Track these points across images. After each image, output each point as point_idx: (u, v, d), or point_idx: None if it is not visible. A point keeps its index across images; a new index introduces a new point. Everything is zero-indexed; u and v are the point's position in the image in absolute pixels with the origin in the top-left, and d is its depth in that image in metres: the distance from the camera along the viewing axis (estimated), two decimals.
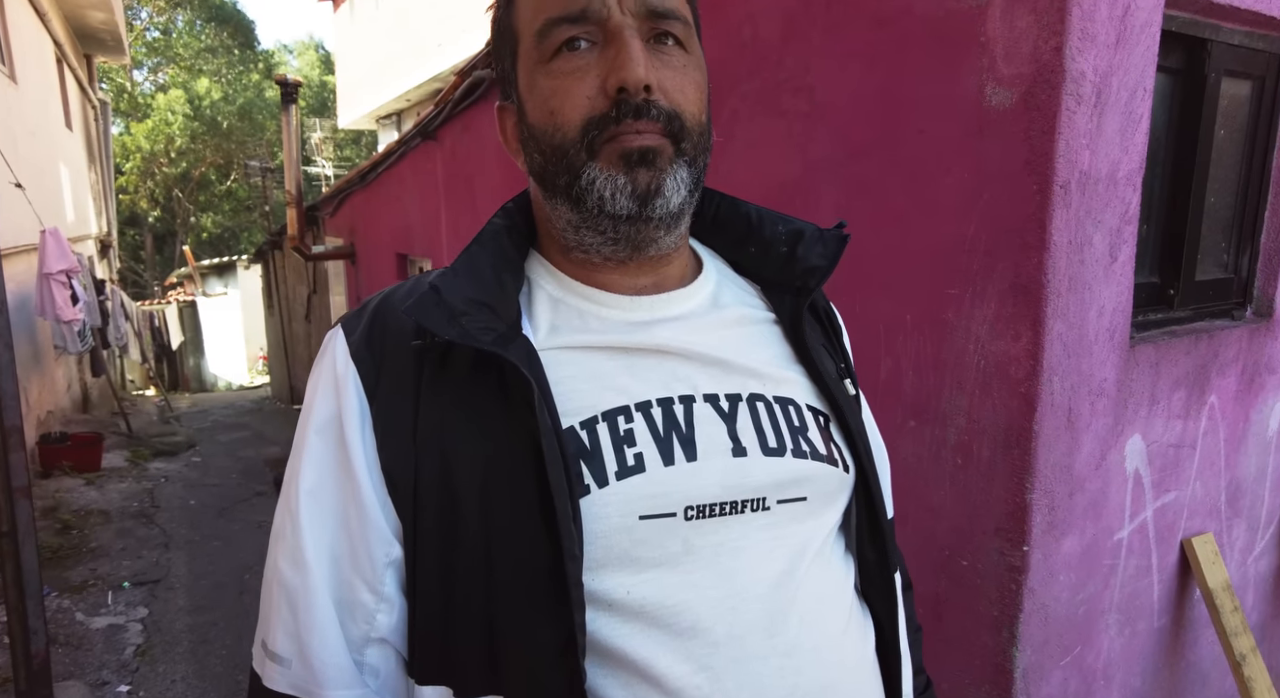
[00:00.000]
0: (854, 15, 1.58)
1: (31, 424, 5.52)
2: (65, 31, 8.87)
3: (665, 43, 0.60)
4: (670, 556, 0.57)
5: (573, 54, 0.58)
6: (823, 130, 1.68)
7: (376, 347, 0.60)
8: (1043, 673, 1.47)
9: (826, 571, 0.64)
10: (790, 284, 0.70)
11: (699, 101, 0.62)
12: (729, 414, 0.61)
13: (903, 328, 1.55)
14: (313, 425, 0.60)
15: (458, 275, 0.60)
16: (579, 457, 0.56)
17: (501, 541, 0.55)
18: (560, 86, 0.59)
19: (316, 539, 0.58)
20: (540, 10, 0.59)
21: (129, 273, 20.14)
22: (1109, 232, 1.38)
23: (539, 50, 0.60)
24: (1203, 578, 1.66)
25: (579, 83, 0.58)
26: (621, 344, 0.62)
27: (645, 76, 0.56)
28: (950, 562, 1.50)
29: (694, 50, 0.63)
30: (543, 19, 0.59)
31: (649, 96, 0.57)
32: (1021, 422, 1.36)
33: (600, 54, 0.58)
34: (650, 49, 0.59)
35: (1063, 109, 1.25)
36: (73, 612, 3.65)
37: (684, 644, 0.55)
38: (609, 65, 0.57)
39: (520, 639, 0.55)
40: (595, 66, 0.58)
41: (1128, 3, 1.29)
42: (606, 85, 0.57)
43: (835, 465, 0.64)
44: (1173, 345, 1.56)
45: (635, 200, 0.58)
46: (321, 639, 0.58)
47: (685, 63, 0.61)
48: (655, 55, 0.59)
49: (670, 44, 0.60)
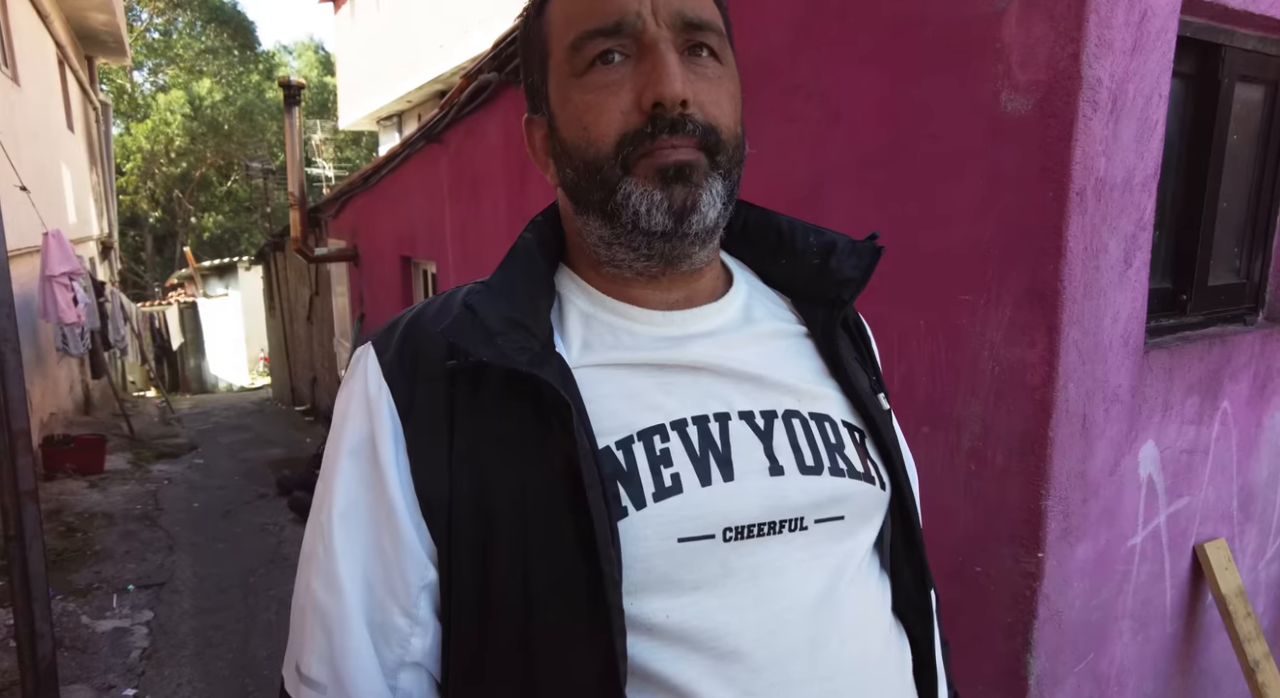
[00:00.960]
0: (867, 21, 1.58)
1: (35, 426, 5.51)
2: (67, 33, 8.87)
3: (700, 54, 0.59)
4: (709, 578, 0.56)
5: (607, 68, 0.58)
6: (835, 137, 1.68)
7: (409, 367, 0.59)
8: (1057, 680, 1.47)
9: (865, 591, 0.63)
10: (823, 296, 0.69)
11: (734, 113, 0.61)
12: (765, 432, 0.60)
13: (917, 334, 1.55)
14: (345, 447, 0.59)
15: (493, 294, 0.59)
16: (616, 478, 0.56)
17: (539, 565, 0.54)
18: (594, 101, 0.58)
19: (350, 562, 0.58)
20: (573, 23, 0.59)
21: (130, 274, 20.14)
22: (1124, 238, 1.38)
23: (571, 64, 0.59)
24: (1215, 584, 1.66)
25: (613, 97, 0.57)
26: (655, 361, 0.61)
27: (682, 91, 0.56)
28: (964, 568, 1.50)
29: (728, 61, 0.62)
30: (576, 32, 0.58)
31: (685, 111, 0.56)
32: (1037, 428, 1.36)
33: (635, 67, 0.57)
34: (685, 61, 0.58)
35: (1079, 115, 1.25)
36: (78, 615, 3.65)
37: (726, 669, 0.55)
38: (644, 79, 0.56)
39: (560, 666, 0.54)
40: (630, 80, 0.57)
41: (1144, 9, 1.29)
42: (642, 100, 0.56)
43: (872, 483, 0.64)
44: (1186, 351, 1.56)
45: (671, 217, 0.58)
46: (357, 665, 0.57)
47: (720, 74, 0.60)
48: (691, 68, 0.58)
49: (705, 56, 0.59)
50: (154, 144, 20.52)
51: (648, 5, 0.57)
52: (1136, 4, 1.28)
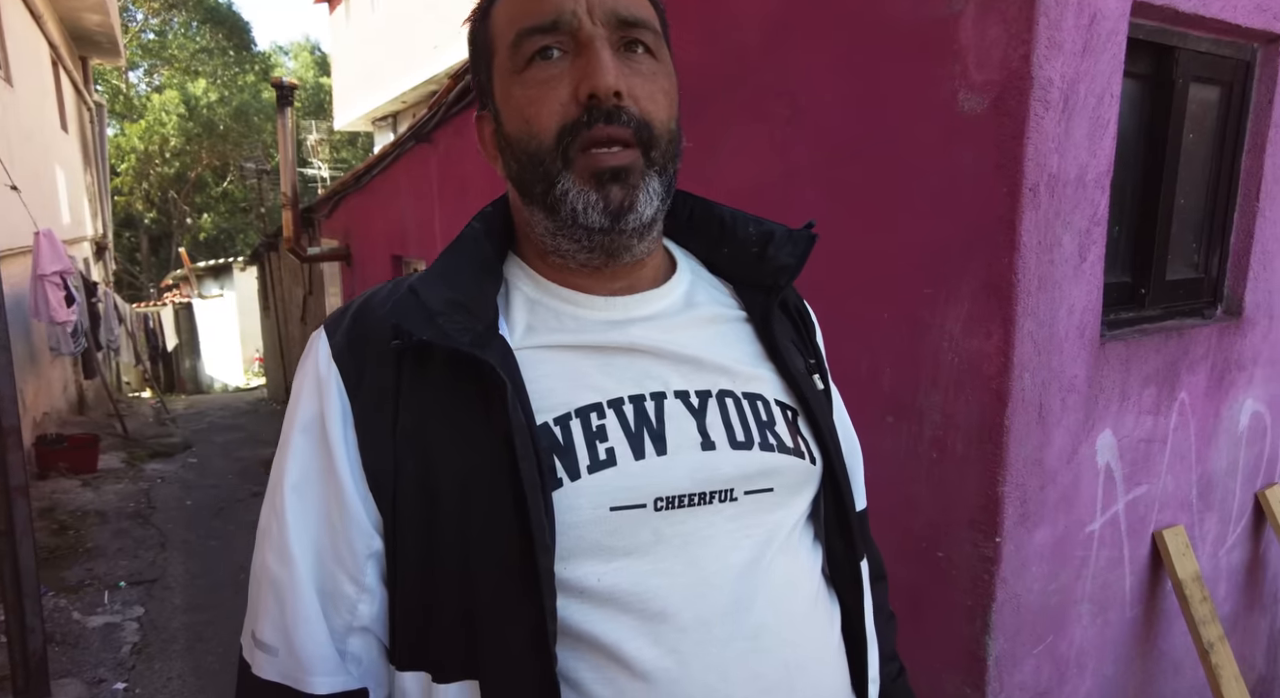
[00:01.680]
0: (834, 23, 1.63)
1: (28, 426, 5.54)
2: (61, 34, 8.89)
3: (635, 51, 0.62)
4: (641, 544, 0.59)
5: (546, 63, 0.60)
6: (804, 135, 1.73)
7: (358, 348, 0.62)
8: (1015, 661, 1.51)
9: (793, 558, 0.66)
10: (762, 283, 0.72)
11: (668, 108, 0.64)
12: (699, 410, 0.64)
13: (881, 326, 1.59)
14: (297, 425, 0.62)
15: (435, 278, 0.63)
16: (552, 451, 0.59)
17: (478, 533, 0.58)
18: (534, 95, 0.61)
19: (301, 534, 0.61)
20: (514, 22, 0.62)
21: (125, 275, 20.12)
22: (1078, 232, 1.43)
23: (513, 60, 0.62)
24: (1173, 569, 1.71)
25: (552, 91, 0.60)
26: (596, 343, 0.64)
27: (615, 83, 0.59)
28: (927, 553, 1.55)
29: (663, 58, 0.65)
30: (516, 30, 0.61)
31: (620, 103, 0.59)
32: (993, 417, 1.40)
33: (572, 63, 0.60)
34: (620, 57, 0.61)
35: (1031, 114, 1.30)
36: (70, 611, 3.68)
37: (653, 629, 0.58)
38: (580, 73, 0.59)
39: (496, 626, 0.57)
40: (568, 75, 0.60)
41: (1094, 12, 1.34)
42: (578, 92, 0.59)
43: (801, 458, 0.67)
44: (1143, 343, 1.61)
45: (608, 216, 0.61)
46: (307, 630, 0.60)
47: (654, 70, 0.63)
48: (625, 63, 0.61)
49: (640, 52, 0.62)
50: (149, 144, 20.50)
51: (583, 4, 0.60)
52: (1086, 7, 1.33)
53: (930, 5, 1.42)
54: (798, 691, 0.62)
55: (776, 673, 0.61)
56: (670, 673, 0.58)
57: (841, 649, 0.70)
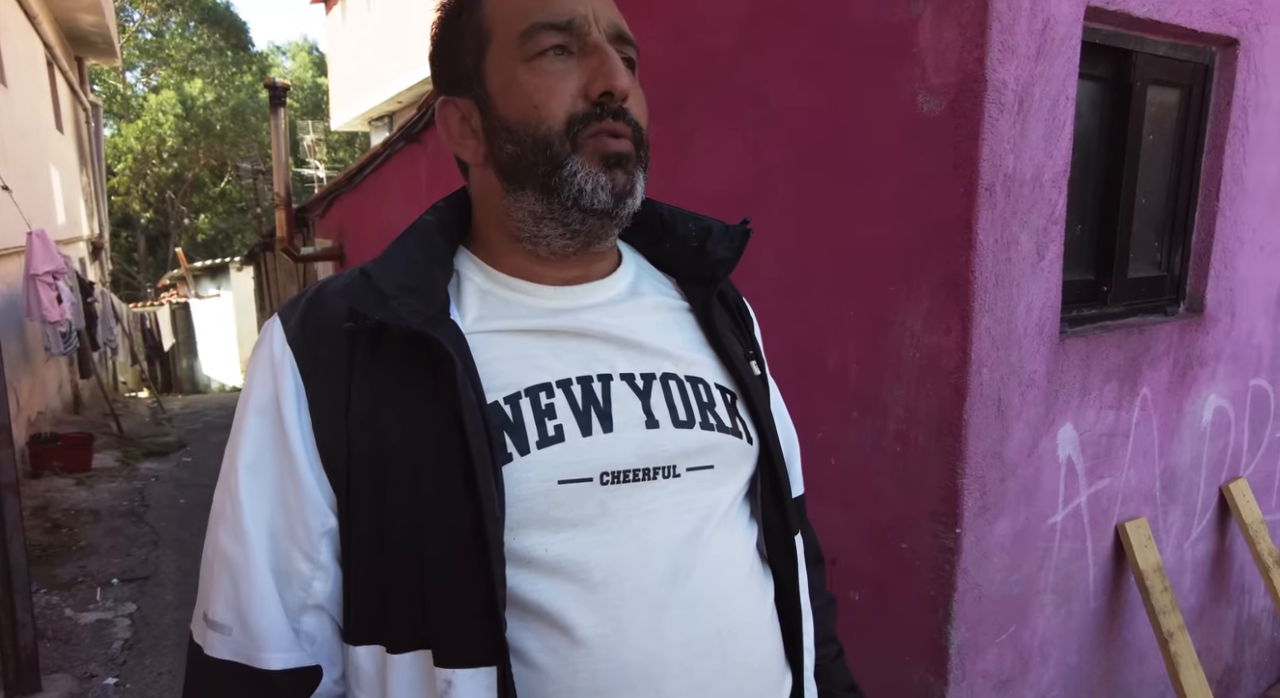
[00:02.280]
0: (801, 27, 1.67)
1: (22, 425, 5.57)
2: (56, 34, 8.91)
3: (628, 66, 0.68)
4: (586, 517, 0.62)
5: (557, 58, 0.65)
6: (775, 136, 1.76)
7: (312, 333, 0.65)
8: (978, 649, 1.55)
9: (730, 533, 0.70)
10: (701, 275, 0.77)
11: (647, 120, 0.70)
12: (644, 391, 0.67)
13: (847, 323, 1.63)
14: (251, 407, 0.65)
15: (388, 263, 0.65)
16: (503, 428, 0.62)
17: (430, 507, 0.61)
18: (545, 84, 0.64)
19: (255, 512, 0.63)
20: (524, 14, 0.65)
21: (122, 275, 20.15)
22: (1036, 231, 1.47)
23: (521, 49, 0.65)
24: (1135, 560, 1.75)
25: (563, 82, 0.64)
26: (545, 327, 0.67)
27: (627, 86, 0.64)
28: (892, 544, 1.59)
29: (638, 78, 0.71)
30: (528, 22, 0.65)
31: (625, 105, 0.65)
32: (953, 411, 1.44)
33: (581, 62, 0.65)
34: None
35: (986, 116, 1.34)
36: (61, 608, 3.71)
37: (594, 597, 0.61)
38: (592, 72, 0.64)
39: (447, 596, 0.61)
40: (577, 72, 0.65)
41: (1047, 17, 1.38)
42: (589, 89, 0.64)
43: (739, 437, 0.71)
44: (1103, 339, 1.65)
45: (613, 197, 0.65)
46: (261, 607, 0.62)
47: (637, 86, 0.69)
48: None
49: (631, 67, 0.68)
50: (145, 144, 20.52)
51: (591, 12, 0.65)
52: (1039, 13, 1.36)
53: (891, 9, 1.46)
54: (730, 655, 0.66)
55: (709, 639, 0.64)
56: (608, 640, 0.61)
57: (775, 620, 0.74)
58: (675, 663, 0.62)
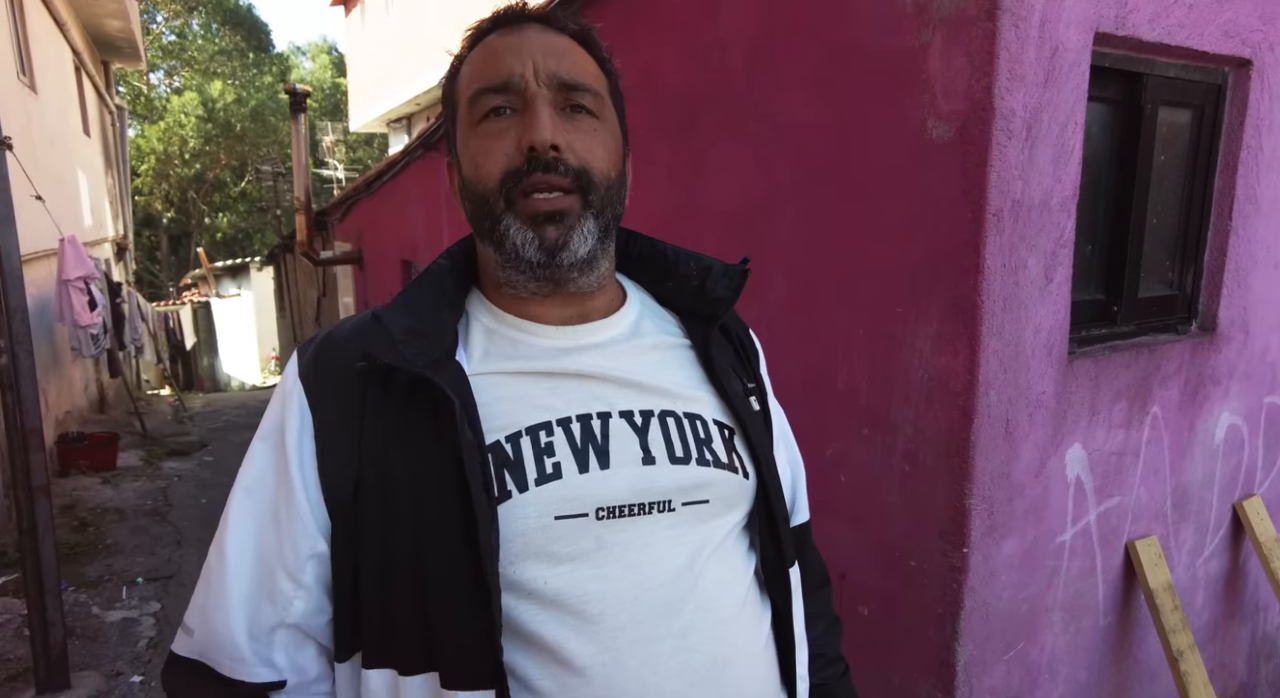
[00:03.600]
0: (811, 48, 1.69)
1: (50, 425, 5.70)
2: (83, 40, 9.09)
3: (578, 112, 0.70)
4: (583, 551, 0.65)
5: (498, 119, 0.69)
6: (785, 154, 1.79)
7: (323, 368, 0.69)
8: (985, 667, 1.57)
9: (725, 564, 0.72)
10: (702, 313, 0.80)
11: (607, 160, 0.72)
12: (641, 428, 0.70)
13: (857, 342, 1.65)
14: (259, 434, 0.70)
15: (398, 309, 0.70)
16: (504, 466, 0.65)
17: (430, 539, 0.64)
18: (484, 145, 0.69)
19: (239, 532, 0.68)
20: (472, 81, 0.70)
21: (145, 274, 20.47)
22: (1044, 255, 1.48)
23: (470, 115, 0.70)
24: (1144, 579, 1.75)
25: (499, 142, 0.68)
26: (546, 369, 0.71)
27: (551, 138, 0.66)
28: (901, 562, 1.61)
29: (606, 117, 0.73)
30: (473, 88, 0.70)
31: (558, 154, 0.67)
32: (960, 432, 1.46)
33: (518, 119, 0.68)
34: (564, 116, 0.69)
35: (994, 143, 1.36)
36: (89, 606, 3.80)
37: (592, 629, 0.64)
38: (522, 128, 0.68)
39: (448, 622, 0.63)
40: (513, 129, 0.68)
41: (1055, 45, 1.39)
42: (520, 144, 0.67)
43: (735, 473, 0.73)
44: (1113, 359, 1.66)
45: (543, 252, 0.69)
46: (224, 620, 0.67)
47: (595, 127, 0.71)
48: (567, 121, 0.69)
49: (582, 113, 0.70)
50: (168, 145, 20.84)
51: (530, 68, 0.68)
52: (1047, 41, 1.38)
53: (901, 35, 1.48)
54: (724, 684, 0.69)
55: (704, 669, 0.67)
56: (606, 669, 0.63)
57: (771, 648, 0.76)
58: (671, 693, 0.65)
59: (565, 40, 0.72)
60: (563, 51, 0.71)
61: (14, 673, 3.08)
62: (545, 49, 0.70)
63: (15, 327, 2.78)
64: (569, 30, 0.73)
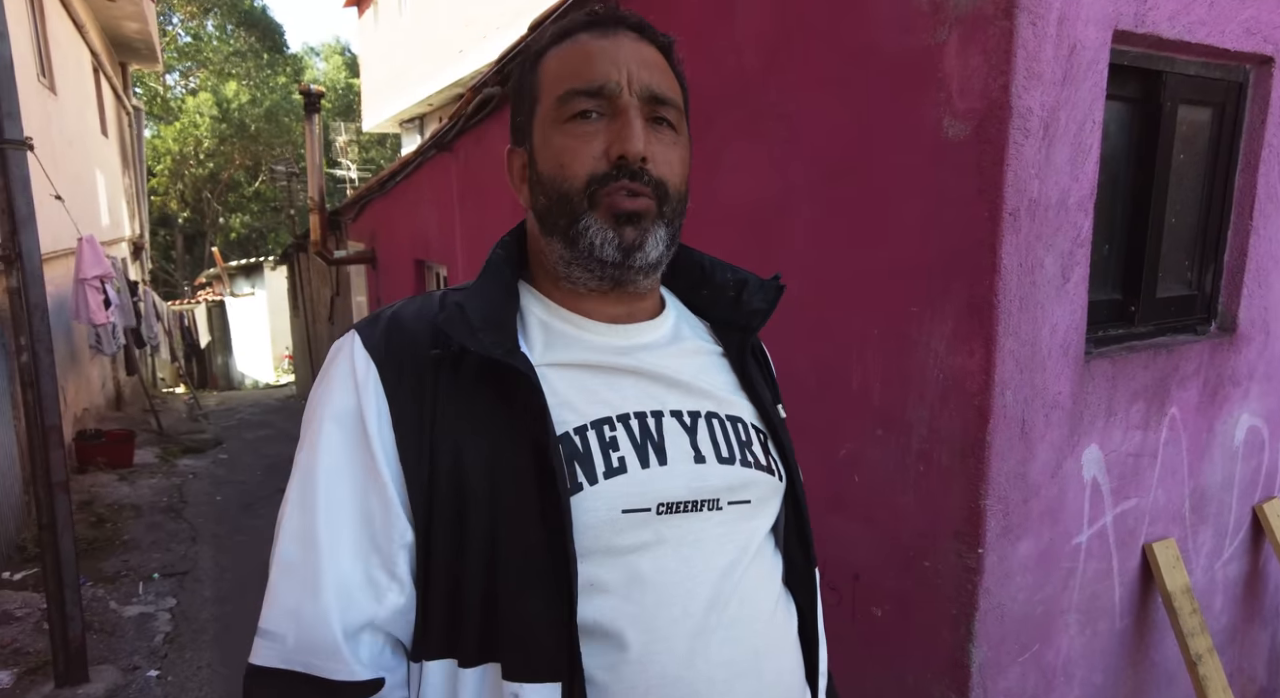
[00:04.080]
0: (828, 49, 1.68)
1: (68, 422, 5.77)
2: (102, 42, 9.19)
3: (661, 125, 0.72)
4: (644, 543, 0.68)
5: (585, 121, 0.70)
6: (800, 155, 1.78)
7: (396, 354, 0.69)
8: (1000, 669, 1.56)
9: (762, 564, 0.76)
10: (737, 324, 0.82)
11: (681, 174, 0.74)
12: (691, 428, 0.73)
13: (871, 342, 1.65)
14: (329, 415, 0.67)
15: (476, 297, 0.71)
16: (573, 458, 0.67)
17: (506, 527, 0.65)
18: (572, 145, 0.70)
19: (331, 520, 0.65)
20: (563, 80, 0.72)
21: (160, 273, 20.67)
22: (1060, 254, 1.47)
23: (557, 112, 0.71)
24: (1162, 581, 1.74)
25: (587, 145, 0.70)
26: (605, 364, 0.73)
27: (643, 150, 0.69)
28: (914, 562, 1.60)
29: (683, 131, 0.76)
30: (564, 88, 0.71)
31: (644, 165, 0.70)
32: (976, 432, 1.45)
33: (608, 125, 0.70)
34: (649, 127, 0.71)
35: (1011, 142, 1.35)
36: (107, 601, 3.85)
37: (646, 617, 0.66)
38: (615, 135, 0.69)
39: (520, 612, 0.65)
40: (603, 134, 0.70)
41: (1073, 43, 1.38)
42: (610, 151, 0.69)
43: (771, 474, 0.77)
44: (1130, 360, 1.65)
45: (620, 251, 0.70)
46: (319, 613, 0.63)
47: (675, 141, 0.73)
48: (652, 132, 0.71)
49: (665, 127, 0.73)
50: (182, 145, 21.04)
51: (625, 76, 0.70)
52: (1065, 39, 1.37)
53: (917, 34, 1.47)
54: (765, 674, 0.72)
55: (748, 659, 0.70)
56: (659, 658, 0.66)
57: (798, 645, 0.80)
58: (720, 682, 0.68)
59: (655, 52, 0.74)
60: (654, 64, 0.73)
61: (34, 666, 3.12)
62: (639, 60, 0.72)
63: (35, 324, 2.82)
64: (658, 42, 0.75)
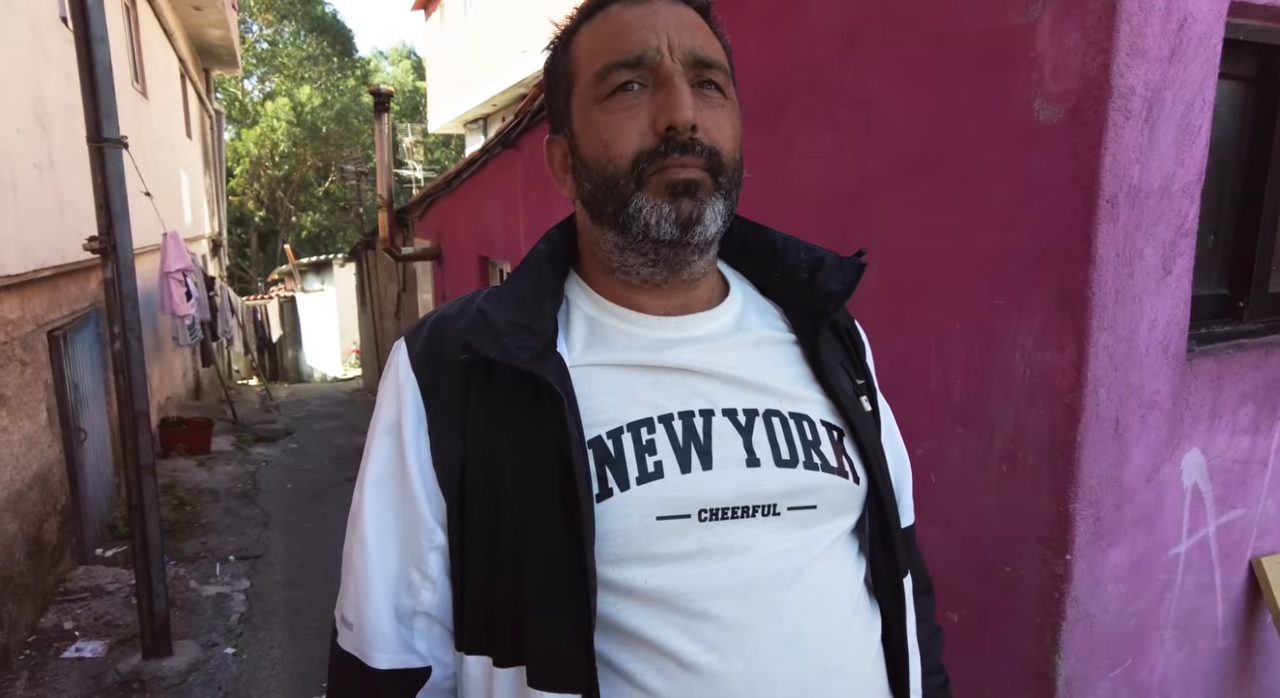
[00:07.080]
0: (911, 33, 1.62)
1: (153, 409, 6.07)
2: (188, 48, 9.67)
3: (708, 88, 0.67)
4: (686, 551, 0.63)
5: (626, 94, 0.65)
6: (878, 143, 1.72)
7: (434, 360, 0.69)
8: (1089, 683, 1.47)
9: (834, 569, 0.69)
10: (811, 307, 0.75)
11: (734, 140, 0.68)
12: (745, 428, 0.67)
13: (952, 336, 1.58)
14: (380, 428, 0.70)
15: (501, 300, 0.68)
16: (604, 463, 0.64)
17: (531, 532, 0.63)
18: (614, 121, 0.65)
19: (375, 526, 0.69)
20: (599, 55, 0.67)
21: (236, 270, 21.67)
22: (1162, 244, 1.38)
23: (596, 90, 0.66)
24: (1273, 600, 1.62)
25: (631, 120, 0.65)
26: (648, 362, 0.68)
27: (692, 117, 0.63)
28: (995, 567, 1.53)
29: (730, 95, 0.69)
30: (601, 63, 0.66)
31: (694, 135, 0.64)
32: (1066, 432, 1.37)
33: (651, 96, 0.65)
34: (695, 93, 0.65)
35: (1110, 124, 1.27)
36: (187, 580, 4.04)
37: (696, 627, 0.62)
38: (660, 106, 0.64)
39: (542, 620, 0.63)
40: (647, 106, 0.65)
41: (1184, 16, 1.29)
42: (656, 123, 0.64)
43: (845, 477, 0.69)
44: (1238, 359, 1.53)
45: (678, 227, 0.65)
46: (373, 611, 0.68)
47: (724, 105, 0.67)
48: (699, 98, 0.66)
49: (712, 90, 0.67)
50: (261, 148, 21.99)
51: (665, 42, 0.65)
52: (1175, 12, 1.28)
53: (1006, 13, 1.40)
54: (833, 693, 0.65)
55: (815, 675, 0.64)
56: (714, 667, 0.61)
57: (880, 658, 0.72)
58: (783, 697, 0.63)
59: (693, 13, 0.69)
60: (694, 26, 0.68)
61: (123, 638, 3.29)
62: (678, 23, 0.66)
63: (127, 314, 2.97)
64: (695, 2, 0.70)
